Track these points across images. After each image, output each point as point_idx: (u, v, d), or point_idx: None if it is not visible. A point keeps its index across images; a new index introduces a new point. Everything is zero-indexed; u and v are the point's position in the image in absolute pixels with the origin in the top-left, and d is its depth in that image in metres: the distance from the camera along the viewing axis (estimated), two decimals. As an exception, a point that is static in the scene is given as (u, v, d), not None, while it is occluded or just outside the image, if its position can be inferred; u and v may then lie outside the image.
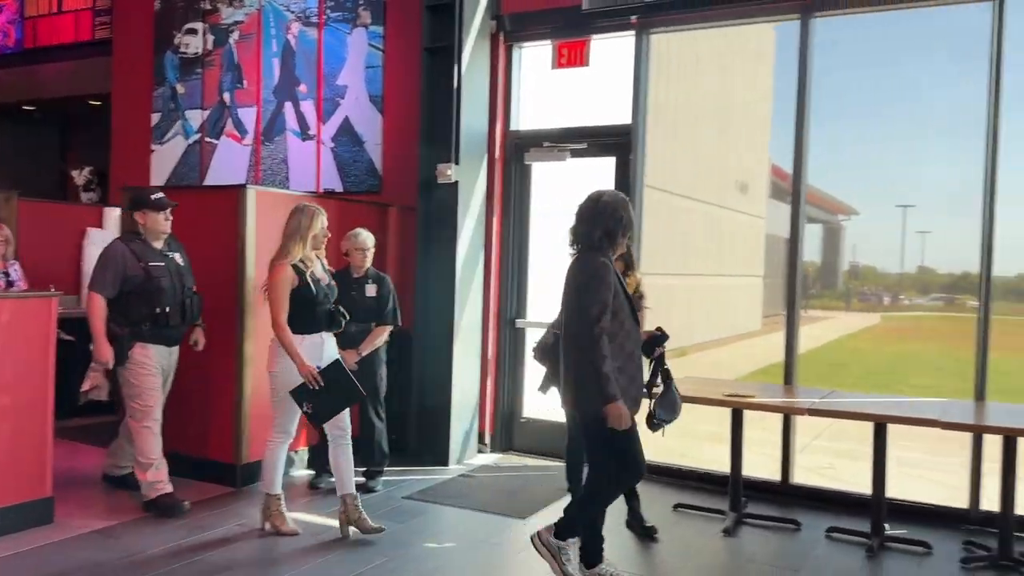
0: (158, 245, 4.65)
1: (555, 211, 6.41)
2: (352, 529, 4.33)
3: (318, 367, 4.17)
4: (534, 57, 6.34)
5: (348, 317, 4.47)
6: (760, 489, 5.32)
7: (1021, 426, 4.06)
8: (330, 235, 4.43)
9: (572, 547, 3.70)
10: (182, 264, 4.74)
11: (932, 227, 6.24)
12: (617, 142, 5.88)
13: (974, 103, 4.89)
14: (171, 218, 4.67)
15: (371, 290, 5.13)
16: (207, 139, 7.54)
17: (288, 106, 7.08)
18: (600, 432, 3.53)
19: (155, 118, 7.85)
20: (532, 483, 5.50)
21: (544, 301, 6.49)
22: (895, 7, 5.21)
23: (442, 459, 5.87)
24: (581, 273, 3.56)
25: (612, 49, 6.03)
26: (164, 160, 7.79)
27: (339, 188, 6.77)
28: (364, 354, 5.04)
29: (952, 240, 5.80)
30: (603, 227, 3.58)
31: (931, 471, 6.01)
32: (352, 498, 4.34)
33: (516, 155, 6.29)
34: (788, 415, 5.26)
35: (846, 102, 5.93)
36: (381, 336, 5.15)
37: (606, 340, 3.46)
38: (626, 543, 4.45)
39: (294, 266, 4.20)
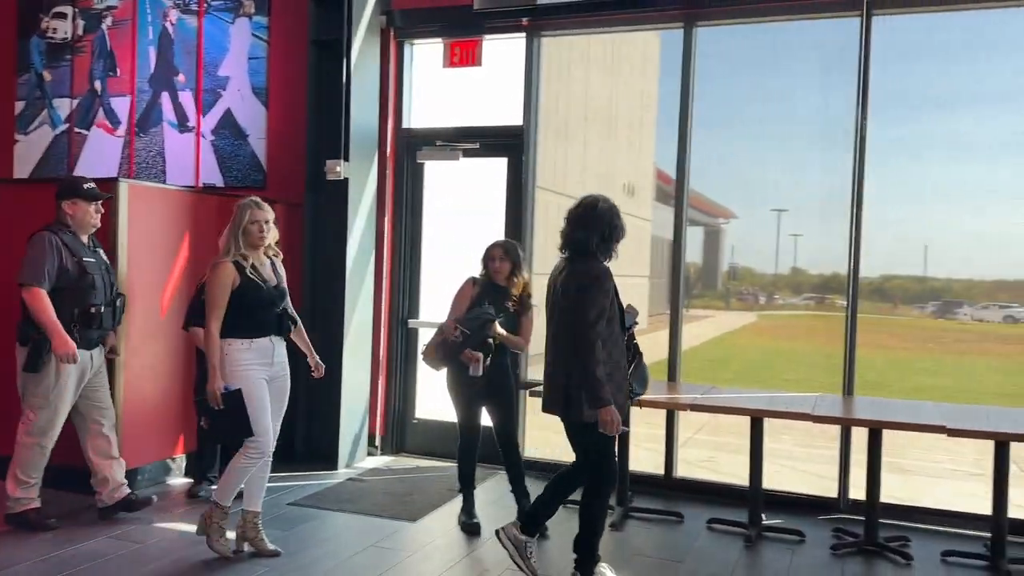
0: (85, 239, 4.35)
1: (448, 210, 6.39)
2: (247, 547, 4.10)
3: (226, 389, 3.83)
4: (426, 55, 6.29)
5: (297, 322, 4.23)
6: (645, 483, 5.46)
7: (886, 419, 4.32)
8: (267, 232, 3.97)
9: (535, 543, 3.89)
10: (107, 261, 4.48)
11: (804, 230, 6.57)
12: (509, 143, 5.91)
13: (844, 112, 5.18)
14: (102, 211, 4.40)
15: None
16: (76, 129, 7.09)
17: (165, 96, 6.75)
18: (592, 434, 3.61)
19: (19, 106, 7.31)
20: (424, 485, 5.45)
21: (437, 301, 6.45)
22: (772, 20, 5.46)
23: (330, 463, 5.74)
24: (583, 276, 3.59)
25: (504, 50, 6.05)
26: (29, 151, 7.27)
27: (220, 183, 6.51)
28: None
29: (822, 243, 6.11)
30: (600, 233, 3.63)
31: (803, 462, 6.34)
32: (254, 516, 4.11)
33: (408, 153, 6.22)
34: (672, 411, 5.41)
35: (726, 109, 6.15)
36: None
37: (600, 345, 3.51)
38: (517, 541, 4.47)
39: (235, 264, 3.88)
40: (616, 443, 3.79)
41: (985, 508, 4.41)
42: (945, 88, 5.85)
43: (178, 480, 5.30)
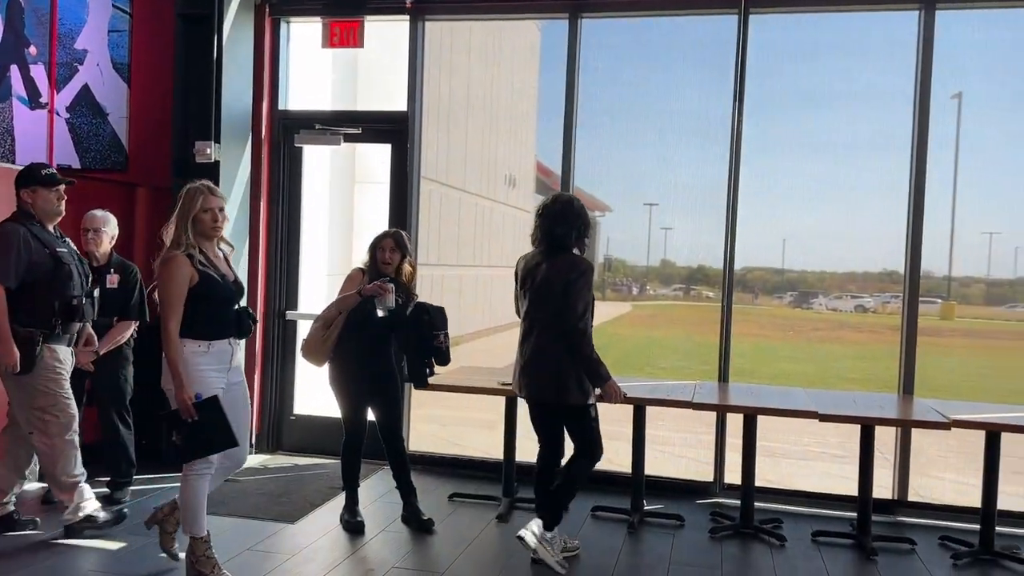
0: (52, 229, 4.10)
1: (328, 197, 6.17)
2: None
3: (198, 397, 3.44)
4: (304, 34, 6.02)
5: (256, 320, 3.90)
6: (532, 473, 5.45)
7: (761, 405, 4.48)
8: (221, 221, 3.59)
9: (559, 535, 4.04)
10: (77, 250, 4.24)
11: (674, 224, 6.77)
12: (393, 129, 5.75)
13: (719, 109, 5.34)
14: (65, 197, 4.10)
15: (112, 280, 4.63)
16: (-96, 101, 6.36)
17: (14, 69, 6.14)
18: (584, 418, 3.92)
19: None
20: (303, 484, 5.24)
21: (317, 292, 6.22)
22: (653, 14, 5.56)
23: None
24: (572, 270, 3.80)
25: (388, 33, 5.88)
26: None
27: (76, 164, 5.99)
28: (103, 352, 4.55)
29: (690, 236, 6.31)
30: (578, 229, 3.89)
31: (682, 448, 6.53)
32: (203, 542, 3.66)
33: (285, 137, 5.94)
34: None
35: (606, 103, 6.22)
36: (124, 332, 4.69)
37: (591, 331, 3.81)
38: (402, 537, 4.36)
39: (190, 257, 3.46)
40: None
41: (851, 489, 4.66)
42: (810, 87, 6.15)
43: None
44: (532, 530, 4.00)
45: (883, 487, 5.03)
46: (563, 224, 3.87)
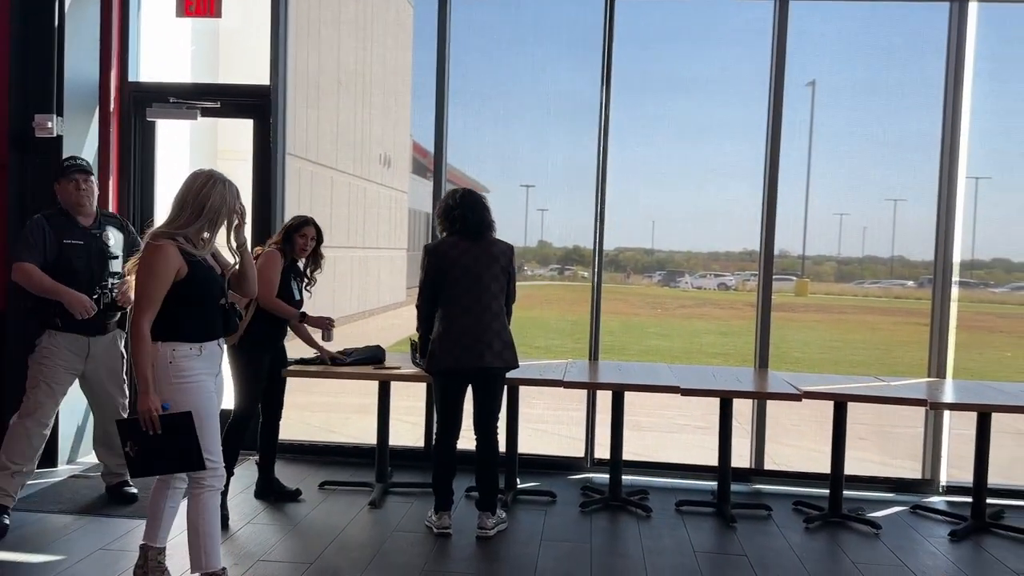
0: (85, 222, 4.26)
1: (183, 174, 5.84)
2: None
3: (165, 407, 3.04)
4: (157, 1, 5.65)
5: (243, 316, 3.66)
6: (406, 457, 5.42)
7: (628, 382, 4.60)
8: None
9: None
10: (110, 245, 4.29)
11: (550, 205, 6.84)
12: (255, 103, 5.49)
13: (589, 91, 5.41)
14: (86, 187, 4.24)
15: None
16: None
17: None
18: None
19: None
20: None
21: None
22: (524, -5, 5.56)
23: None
24: (512, 252, 4.30)
25: (253, 2, 5.60)
26: None
27: None
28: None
29: (566, 217, 6.39)
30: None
31: (554, 425, 6.64)
32: (158, 553, 3.36)
33: (137, 110, 5.57)
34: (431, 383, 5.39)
35: (479, 82, 6.19)
36: None
37: None
38: (270, 529, 4.22)
39: (180, 248, 3.09)
40: None
41: (713, 459, 4.87)
42: (674, 71, 6.33)
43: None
44: (487, 526, 4.20)
45: (742, 456, 5.29)
46: (488, 212, 4.28)
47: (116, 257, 4.34)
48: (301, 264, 4.59)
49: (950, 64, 5.24)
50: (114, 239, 4.36)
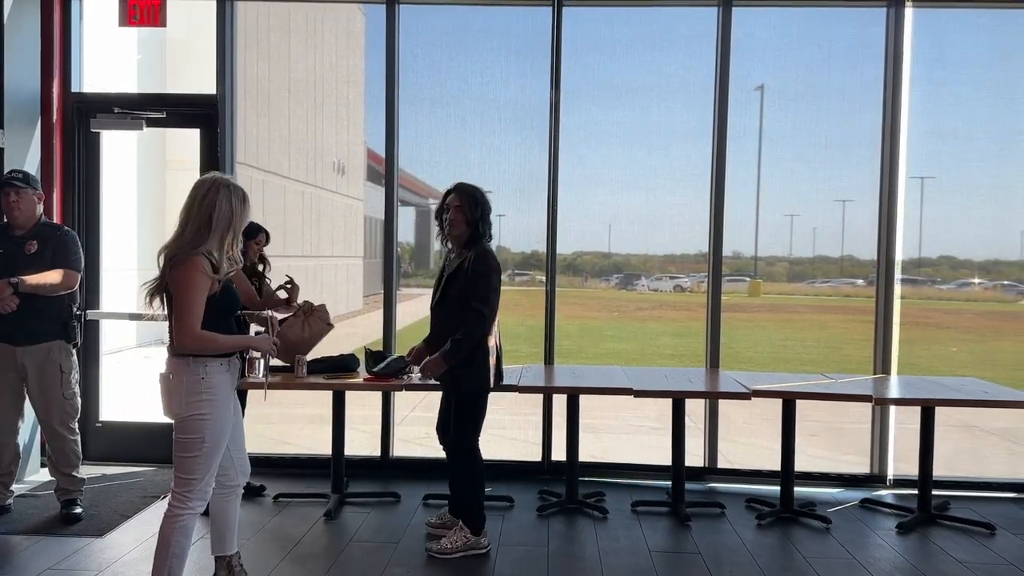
0: (19, 232, 4.31)
1: (136, 185, 5.76)
2: None
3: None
4: (99, 10, 5.56)
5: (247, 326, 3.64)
6: (362, 466, 5.39)
7: (582, 385, 4.64)
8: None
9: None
10: (32, 254, 4.27)
11: (505, 210, 6.87)
12: (202, 113, 5.43)
13: (538, 98, 5.45)
14: (16, 199, 4.26)
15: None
16: None
17: None
18: (475, 404, 4.01)
19: None
20: (111, 495, 4.89)
21: (126, 288, 5.80)
22: (469, 3, 5.59)
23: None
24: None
25: (194, 11, 5.54)
26: None
27: None
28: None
29: (521, 222, 6.42)
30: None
31: (511, 430, 6.64)
32: (238, 558, 3.45)
33: (80, 121, 5.48)
34: (387, 392, 5.38)
35: (431, 89, 6.19)
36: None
37: None
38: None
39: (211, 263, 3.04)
40: None
41: (668, 459, 4.92)
42: (622, 78, 6.40)
43: None
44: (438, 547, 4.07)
45: (695, 455, 5.36)
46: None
47: (32, 266, 4.27)
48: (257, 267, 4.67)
49: (888, 67, 5.39)
50: (43, 249, 4.32)
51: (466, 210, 3.94)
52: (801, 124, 6.38)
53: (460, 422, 4.05)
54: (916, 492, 4.77)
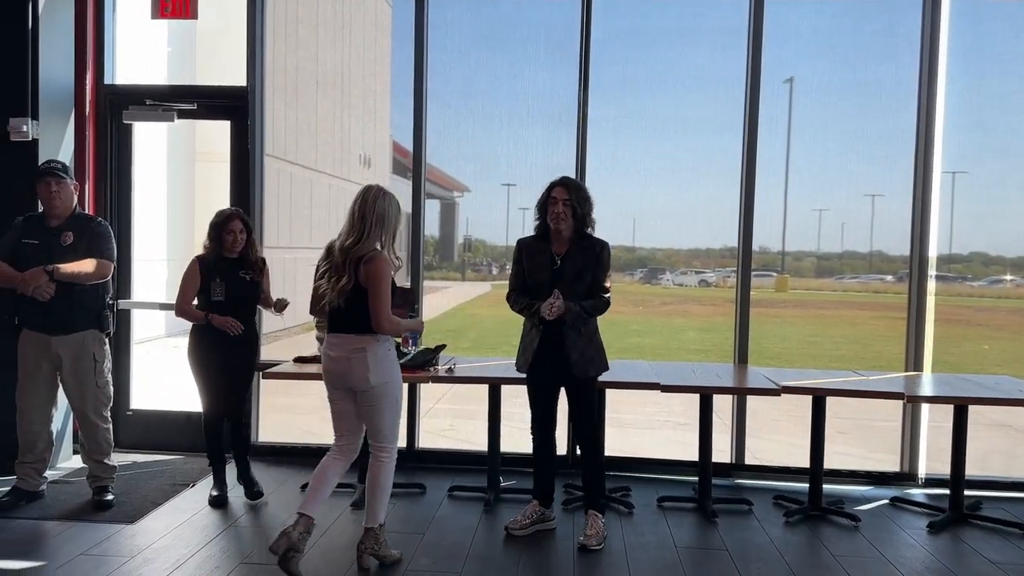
0: (55, 222, 4.34)
1: (166, 176, 5.82)
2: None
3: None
4: (132, 3, 5.62)
5: None
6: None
7: (610, 379, 4.60)
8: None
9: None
10: (67, 246, 4.30)
11: (531, 204, 6.84)
12: (232, 105, 5.47)
13: (566, 91, 5.42)
14: (56, 190, 4.30)
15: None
16: None
17: None
18: (595, 388, 4.21)
19: None
20: (142, 482, 4.95)
21: (156, 277, 5.87)
22: (500, -6, 5.57)
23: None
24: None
25: (229, 3, 5.58)
26: None
27: None
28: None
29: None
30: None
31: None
32: (313, 523, 3.70)
33: (113, 113, 5.54)
34: (413, 384, 5.38)
35: (457, 82, 6.19)
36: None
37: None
38: (251, 532, 4.21)
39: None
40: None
41: (694, 455, 4.90)
42: (651, 70, 6.35)
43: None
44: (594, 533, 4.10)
45: (722, 451, 5.32)
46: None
47: (67, 257, 4.33)
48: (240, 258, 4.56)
49: (924, 59, 5.29)
50: (77, 240, 4.37)
51: (574, 204, 4.03)
52: (832, 117, 6.30)
53: (590, 409, 4.18)
54: (947, 491, 4.70)
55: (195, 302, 4.50)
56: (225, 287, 4.47)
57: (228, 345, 4.50)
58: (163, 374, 6.67)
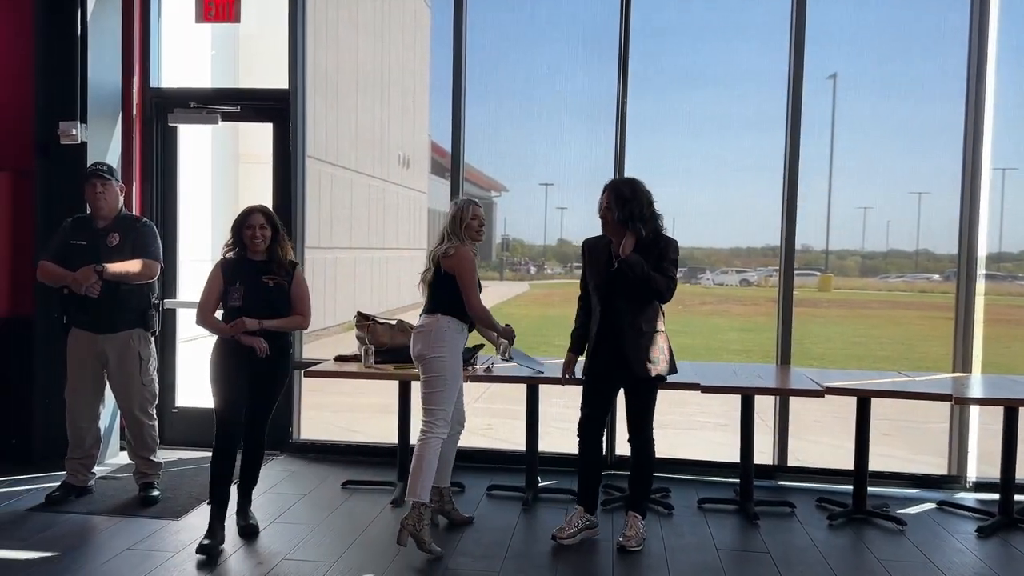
0: (102, 223, 4.46)
1: (210, 178, 5.92)
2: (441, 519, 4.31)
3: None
4: (177, 7, 5.73)
5: None
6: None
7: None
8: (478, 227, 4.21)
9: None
10: (114, 246, 4.41)
11: (569, 203, 6.83)
12: (275, 107, 5.55)
13: (604, 88, 5.40)
14: (102, 191, 4.42)
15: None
16: None
17: None
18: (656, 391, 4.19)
19: None
20: (186, 479, 5.04)
21: (200, 277, 5.97)
22: (538, -7, 5.57)
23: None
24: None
25: (267, 6, 5.66)
26: None
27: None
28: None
29: (585, 215, 6.38)
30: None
31: (573, 423, 6.64)
32: (448, 491, 4.34)
33: (159, 116, 5.65)
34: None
35: (496, 82, 6.21)
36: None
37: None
38: (294, 528, 4.26)
39: None
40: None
41: (734, 456, 4.84)
42: (691, 68, 6.29)
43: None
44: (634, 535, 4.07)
45: (764, 453, 5.25)
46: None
47: (114, 257, 4.39)
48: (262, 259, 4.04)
49: (972, 53, 5.16)
50: (124, 241, 4.46)
51: (614, 209, 4.01)
52: (877, 114, 6.19)
53: (648, 413, 4.17)
54: (996, 496, 4.59)
55: (219, 313, 4.05)
56: (244, 291, 3.96)
57: (256, 361, 3.98)
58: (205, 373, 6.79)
